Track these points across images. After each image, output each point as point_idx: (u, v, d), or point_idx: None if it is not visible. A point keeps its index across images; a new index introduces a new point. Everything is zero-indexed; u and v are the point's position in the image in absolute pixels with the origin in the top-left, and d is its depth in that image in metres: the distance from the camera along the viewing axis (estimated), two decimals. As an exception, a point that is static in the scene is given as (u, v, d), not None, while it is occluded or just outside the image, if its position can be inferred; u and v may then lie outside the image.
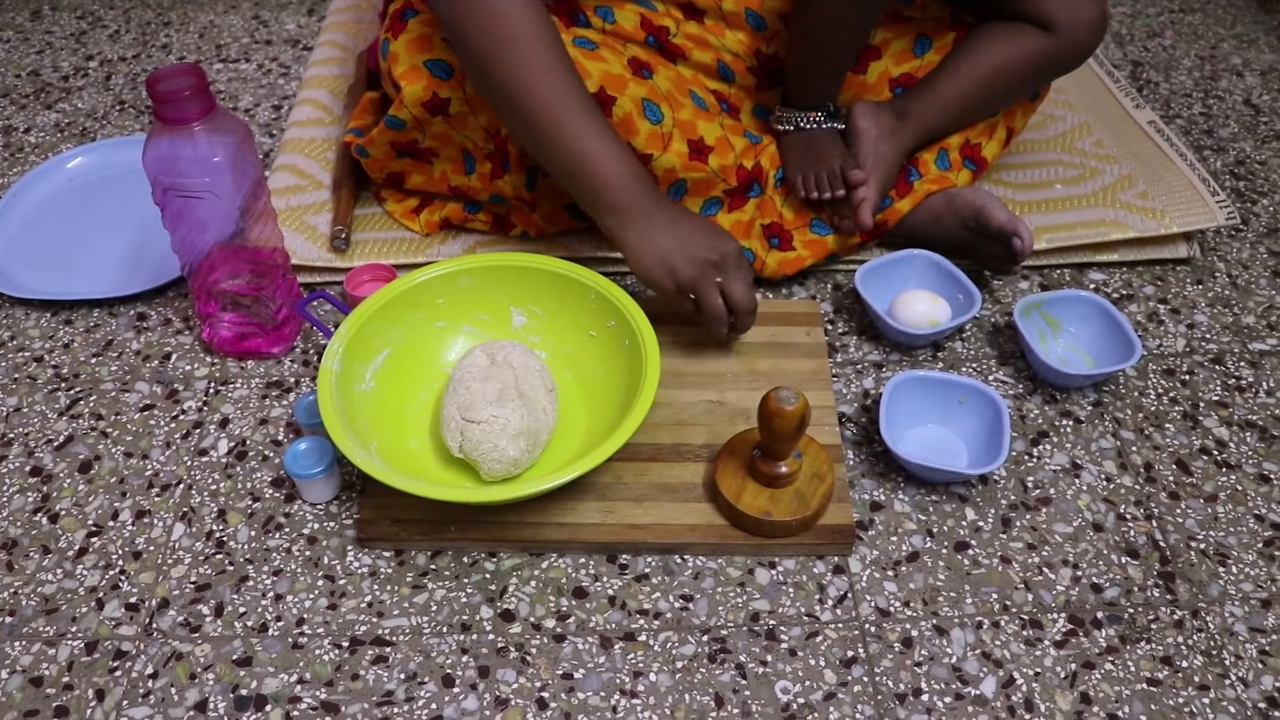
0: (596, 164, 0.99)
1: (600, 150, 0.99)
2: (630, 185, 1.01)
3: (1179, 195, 1.30)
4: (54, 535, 0.99)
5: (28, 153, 1.49)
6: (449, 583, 0.94)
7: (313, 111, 1.46)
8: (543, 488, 0.88)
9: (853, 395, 1.11)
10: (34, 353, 1.17)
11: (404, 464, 0.97)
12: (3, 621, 0.92)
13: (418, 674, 0.88)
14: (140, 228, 1.31)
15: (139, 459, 1.06)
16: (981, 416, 1.03)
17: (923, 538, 0.98)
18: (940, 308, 1.13)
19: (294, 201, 1.30)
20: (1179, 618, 0.93)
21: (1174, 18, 1.82)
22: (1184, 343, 1.18)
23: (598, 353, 1.05)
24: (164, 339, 1.18)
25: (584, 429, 1.03)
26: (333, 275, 1.24)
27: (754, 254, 1.21)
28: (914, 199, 1.22)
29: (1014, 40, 1.18)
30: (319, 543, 0.98)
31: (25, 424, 1.09)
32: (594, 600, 0.93)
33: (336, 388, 0.95)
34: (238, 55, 1.70)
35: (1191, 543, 0.98)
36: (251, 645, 0.90)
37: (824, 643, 0.90)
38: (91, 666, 0.89)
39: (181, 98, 0.95)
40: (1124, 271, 1.27)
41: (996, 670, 0.89)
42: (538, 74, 0.98)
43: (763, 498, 0.94)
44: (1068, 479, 1.04)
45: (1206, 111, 1.57)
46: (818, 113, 1.21)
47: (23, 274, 1.26)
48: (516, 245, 1.25)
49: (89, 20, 1.80)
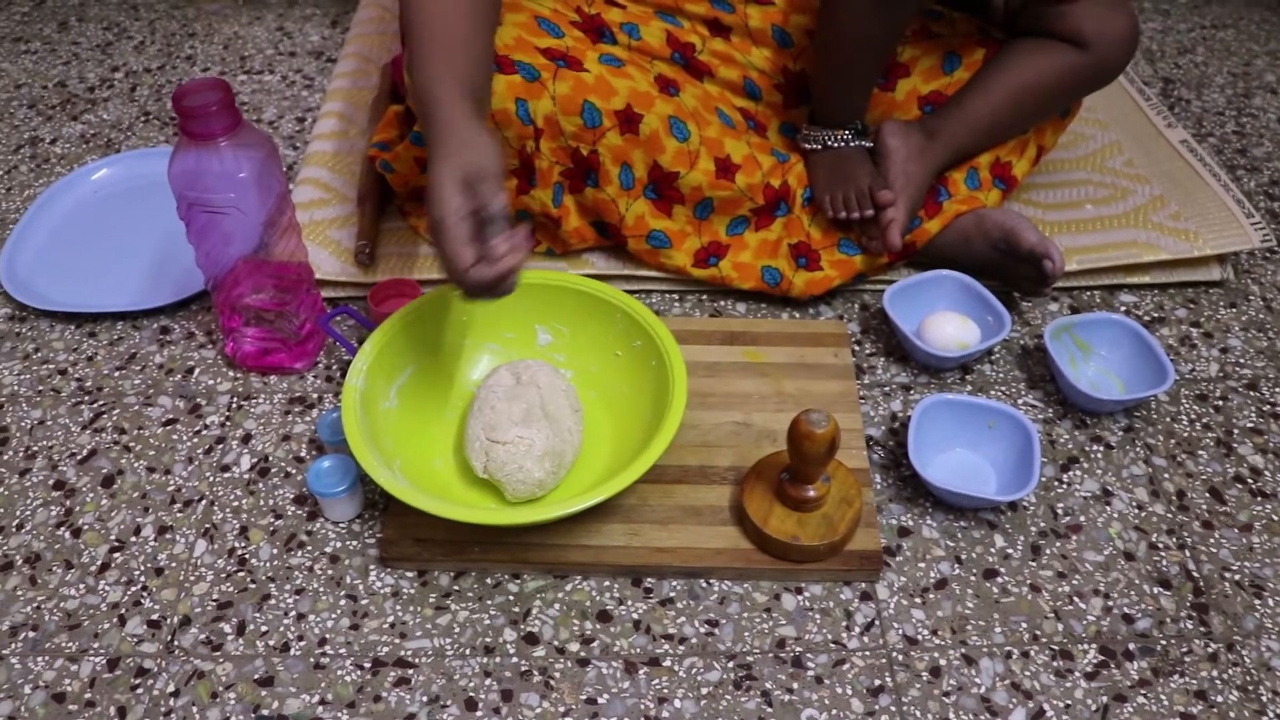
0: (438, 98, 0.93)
1: (444, 93, 0.93)
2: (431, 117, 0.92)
3: (1212, 216, 1.28)
4: (77, 550, 0.99)
5: (54, 164, 1.49)
6: (472, 604, 0.94)
7: (336, 124, 1.46)
8: (568, 511, 0.88)
9: (880, 418, 1.10)
10: (58, 365, 1.17)
11: (428, 483, 0.97)
12: (27, 636, 0.92)
13: (440, 697, 0.87)
14: (164, 240, 1.31)
15: (161, 474, 1.05)
16: (1011, 441, 1.02)
17: (951, 564, 0.97)
18: (969, 330, 1.12)
19: (318, 215, 1.30)
20: (1213, 651, 0.91)
21: (1206, 34, 1.80)
22: (1217, 367, 1.17)
23: (623, 373, 1.04)
24: (187, 353, 1.18)
25: (609, 450, 1.02)
26: (356, 290, 1.24)
27: (781, 274, 1.20)
28: (943, 219, 1.20)
29: (1045, 57, 1.17)
30: (341, 562, 0.97)
31: (49, 437, 1.09)
32: (618, 624, 0.92)
33: (361, 405, 0.94)
34: (261, 67, 1.71)
35: (1225, 573, 0.97)
36: (273, 665, 0.90)
37: (851, 671, 0.89)
38: (113, 683, 0.89)
39: (208, 113, 0.95)
40: (1155, 294, 1.26)
41: (1026, 701, 0.87)
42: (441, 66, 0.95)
43: (790, 521, 0.93)
44: (1098, 506, 1.02)
45: (1240, 130, 1.55)
46: (845, 130, 1.20)
47: (47, 286, 1.26)
48: (541, 262, 1.25)
49: (114, 31, 1.81)
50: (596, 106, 1.10)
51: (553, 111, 1.09)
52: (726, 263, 1.21)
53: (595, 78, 1.11)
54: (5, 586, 0.96)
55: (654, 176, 1.16)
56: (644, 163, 1.15)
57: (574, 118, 1.10)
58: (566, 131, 1.11)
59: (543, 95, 1.09)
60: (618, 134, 1.12)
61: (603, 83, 1.11)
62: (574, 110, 1.10)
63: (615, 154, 1.14)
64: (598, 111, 1.10)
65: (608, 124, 1.11)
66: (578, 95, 1.09)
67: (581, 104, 1.10)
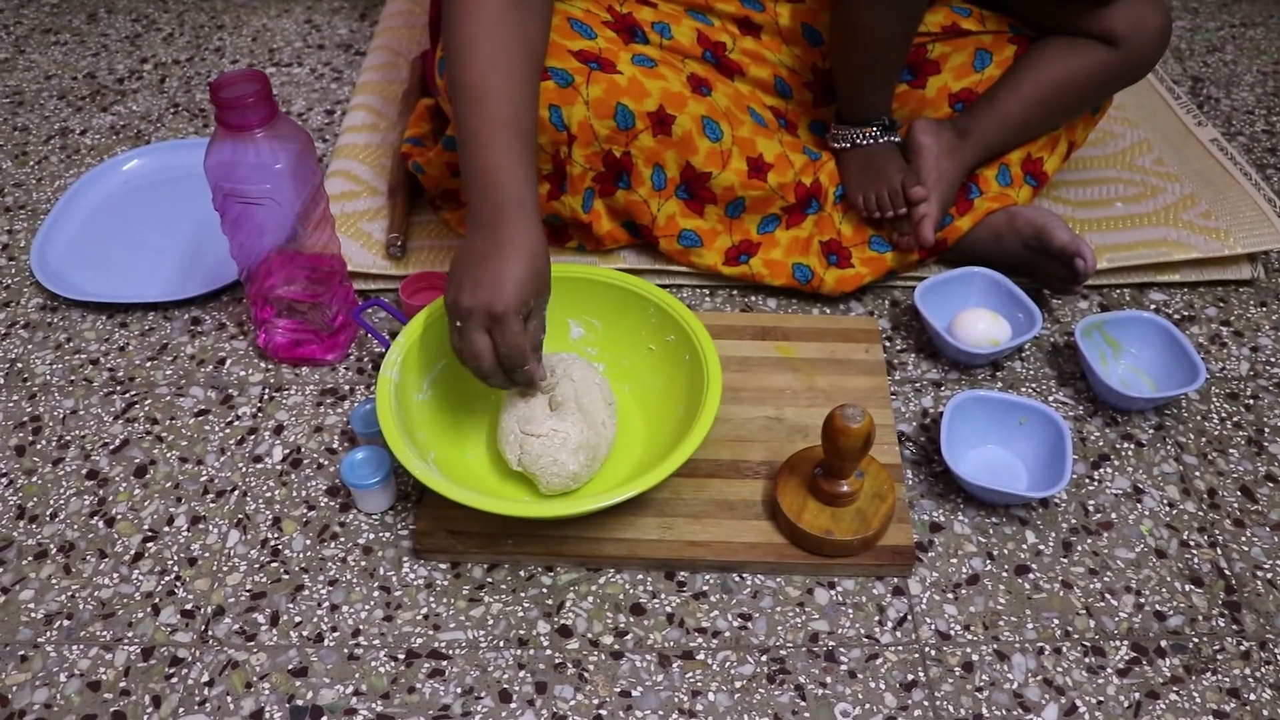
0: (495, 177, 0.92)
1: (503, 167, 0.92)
2: (497, 203, 0.91)
3: (1243, 215, 1.27)
4: (110, 539, 0.99)
5: (84, 154, 1.50)
6: (505, 596, 0.94)
7: (366, 117, 1.47)
8: (602, 504, 0.88)
9: (911, 414, 1.10)
10: (90, 355, 1.18)
11: (462, 475, 0.97)
12: (61, 624, 0.93)
13: (474, 688, 0.87)
14: (195, 231, 1.31)
15: (194, 464, 1.06)
16: (1042, 438, 1.02)
17: (983, 560, 0.97)
18: (1001, 327, 1.12)
19: (348, 208, 1.30)
20: (1246, 649, 0.91)
21: (1235, 32, 1.79)
22: (1248, 366, 1.16)
23: (656, 367, 1.04)
24: (218, 344, 1.19)
25: (642, 444, 1.02)
26: (388, 283, 1.24)
27: (812, 271, 1.20)
28: (974, 217, 1.20)
29: (1077, 54, 1.17)
30: (374, 553, 0.97)
31: (82, 427, 1.10)
32: (652, 617, 0.92)
33: (395, 397, 0.94)
34: (290, 59, 1.71)
35: (1258, 571, 0.96)
36: (307, 655, 0.90)
37: (884, 665, 0.89)
38: (148, 673, 0.89)
39: (245, 104, 0.96)
40: (1185, 292, 1.25)
41: (1059, 698, 0.87)
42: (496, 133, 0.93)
43: (824, 516, 0.93)
44: (1129, 503, 1.02)
45: (1269, 129, 1.54)
46: (873, 127, 1.20)
47: (78, 276, 1.27)
48: (572, 256, 1.25)
49: (144, 23, 1.81)
50: (630, 109, 1.10)
51: (586, 116, 1.09)
52: (757, 260, 1.21)
53: (628, 79, 1.10)
54: (40, 575, 0.96)
55: (686, 177, 1.16)
56: (676, 163, 1.15)
57: (607, 120, 1.10)
58: (600, 135, 1.11)
59: (576, 101, 1.08)
60: (650, 135, 1.12)
61: (635, 84, 1.11)
62: (607, 113, 1.10)
63: (648, 155, 1.14)
64: (631, 114, 1.10)
65: (641, 126, 1.11)
66: (611, 98, 1.09)
67: (615, 106, 1.10)
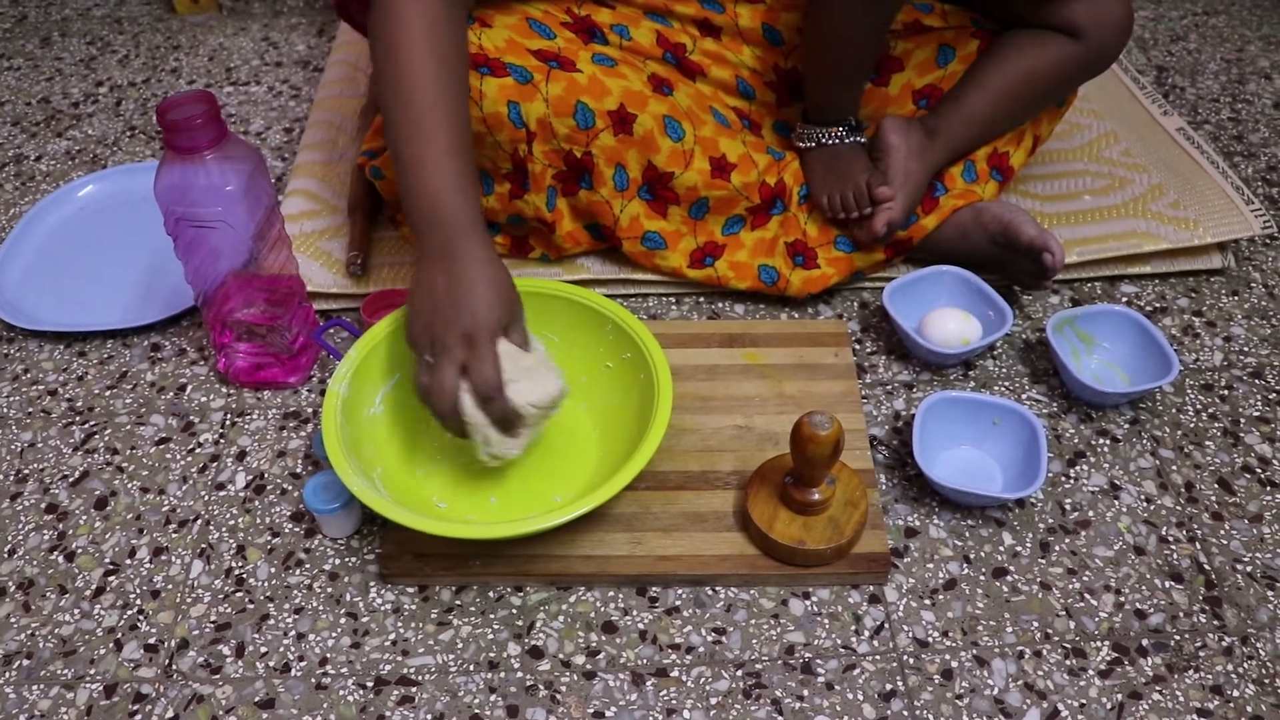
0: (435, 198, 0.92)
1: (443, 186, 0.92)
2: (446, 234, 0.90)
3: (1211, 204, 1.27)
4: (70, 574, 0.97)
5: (39, 181, 1.47)
6: (475, 619, 0.92)
7: (325, 133, 1.45)
8: (554, 522, 0.85)
9: (883, 417, 1.09)
10: (48, 386, 1.15)
11: (409, 493, 0.95)
12: (21, 664, 0.90)
13: (445, 714, 0.85)
14: (153, 256, 1.29)
15: (155, 494, 1.04)
16: (1016, 437, 1.01)
17: (960, 564, 0.95)
18: (971, 325, 1.11)
19: (308, 227, 1.28)
20: (1228, 644, 0.90)
21: (1198, 20, 1.79)
22: (1221, 356, 1.15)
23: (613, 384, 1.02)
24: (179, 370, 1.17)
25: (595, 461, 1.00)
26: (349, 302, 1.22)
27: (778, 272, 1.18)
28: (940, 215, 1.19)
29: (1039, 48, 1.16)
30: (341, 579, 0.95)
31: (40, 459, 1.08)
32: (624, 635, 0.91)
33: (342, 412, 0.93)
34: (248, 78, 1.69)
35: (1238, 565, 0.95)
36: (274, 686, 0.88)
37: (862, 676, 0.88)
38: (111, 711, 0.87)
39: (192, 126, 0.93)
40: (1156, 284, 1.24)
41: (1040, 702, 0.86)
42: (430, 139, 0.93)
43: (796, 526, 0.92)
44: (1106, 500, 1.01)
45: (1235, 116, 1.54)
46: (839, 128, 1.19)
47: (35, 305, 1.24)
48: (535, 269, 1.23)
49: (98, 46, 1.79)
50: (590, 107, 1.09)
51: (545, 114, 1.08)
52: (723, 263, 1.19)
53: (588, 78, 1.09)
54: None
55: (648, 177, 1.15)
56: (638, 163, 1.14)
57: (567, 119, 1.09)
58: (559, 134, 1.10)
59: (535, 98, 1.07)
60: (611, 135, 1.11)
61: (596, 83, 1.09)
62: (567, 112, 1.08)
63: (609, 155, 1.12)
64: (591, 112, 1.09)
65: (601, 125, 1.10)
66: (570, 96, 1.08)
67: (574, 105, 1.08)
